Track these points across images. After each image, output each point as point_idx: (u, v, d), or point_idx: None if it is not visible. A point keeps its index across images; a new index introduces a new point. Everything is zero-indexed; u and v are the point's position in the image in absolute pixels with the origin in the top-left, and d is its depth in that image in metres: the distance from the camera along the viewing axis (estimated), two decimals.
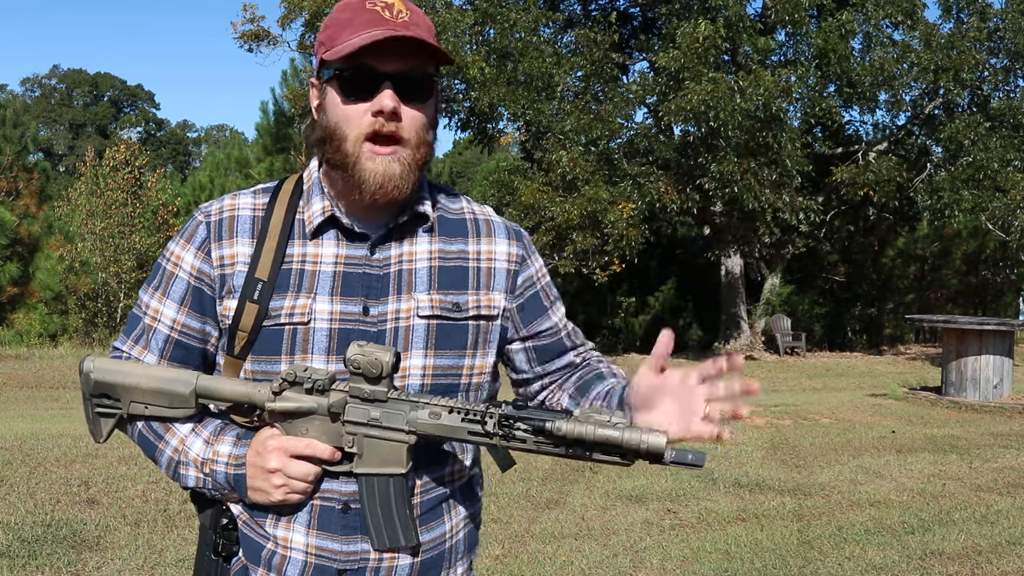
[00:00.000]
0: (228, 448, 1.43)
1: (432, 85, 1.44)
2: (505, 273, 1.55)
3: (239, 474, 1.41)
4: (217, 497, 1.46)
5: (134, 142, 26.51)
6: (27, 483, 5.99)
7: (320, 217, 1.46)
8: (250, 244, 1.46)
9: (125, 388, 1.43)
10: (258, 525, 1.45)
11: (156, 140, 61.77)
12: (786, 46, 21.74)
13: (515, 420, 1.35)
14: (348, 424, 1.39)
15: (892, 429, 9.62)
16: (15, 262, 21.02)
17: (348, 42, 1.38)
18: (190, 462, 1.44)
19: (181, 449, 1.45)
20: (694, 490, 6.61)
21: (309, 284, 1.44)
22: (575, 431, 1.32)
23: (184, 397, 1.42)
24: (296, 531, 1.43)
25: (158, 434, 1.46)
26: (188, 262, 1.47)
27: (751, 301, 23.92)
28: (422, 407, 1.38)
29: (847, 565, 4.94)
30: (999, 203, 19.44)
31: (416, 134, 1.42)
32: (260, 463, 1.40)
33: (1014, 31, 20.42)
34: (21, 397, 12.95)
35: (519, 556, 4.96)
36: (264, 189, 1.53)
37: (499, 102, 19.79)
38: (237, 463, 1.42)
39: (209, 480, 1.43)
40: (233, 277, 1.45)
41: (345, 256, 1.46)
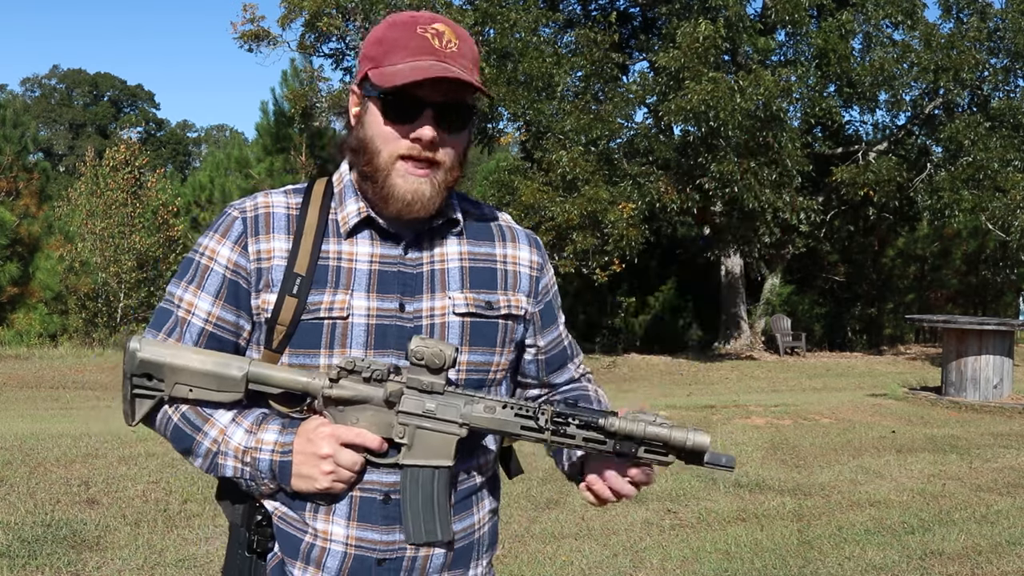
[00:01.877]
0: (274, 436, 1.43)
1: (471, 115, 1.50)
2: (528, 278, 1.63)
3: (285, 461, 1.41)
4: (252, 489, 1.45)
5: (134, 142, 26.51)
6: (27, 483, 5.99)
7: (356, 217, 1.51)
8: (286, 240, 1.49)
9: (173, 369, 1.43)
10: (296, 519, 1.46)
11: (156, 140, 61.76)
12: (786, 46, 21.75)
13: (567, 416, 1.42)
14: (402, 415, 1.43)
15: (892, 429, 9.62)
16: (15, 262, 21.02)
17: (396, 69, 1.44)
18: (230, 451, 1.43)
19: (221, 439, 1.43)
20: (694, 490, 6.61)
21: (346, 280, 1.48)
22: (626, 428, 1.41)
23: (235, 380, 1.42)
24: (336, 523, 1.44)
25: (196, 425, 1.45)
26: (224, 255, 1.48)
27: (751, 301, 23.92)
28: (477, 401, 1.44)
29: (847, 565, 4.94)
30: (999, 203, 19.44)
31: (450, 160, 1.48)
32: (311, 449, 1.40)
33: (1014, 31, 20.42)
34: (21, 397, 12.96)
35: (519, 556, 4.96)
36: (295, 190, 1.56)
37: (499, 102, 19.79)
38: (284, 450, 1.41)
39: (248, 469, 1.43)
40: (271, 271, 1.47)
41: (380, 255, 1.50)
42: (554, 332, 1.69)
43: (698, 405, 11.47)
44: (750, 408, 10.83)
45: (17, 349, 18.54)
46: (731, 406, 11.14)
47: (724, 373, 19.00)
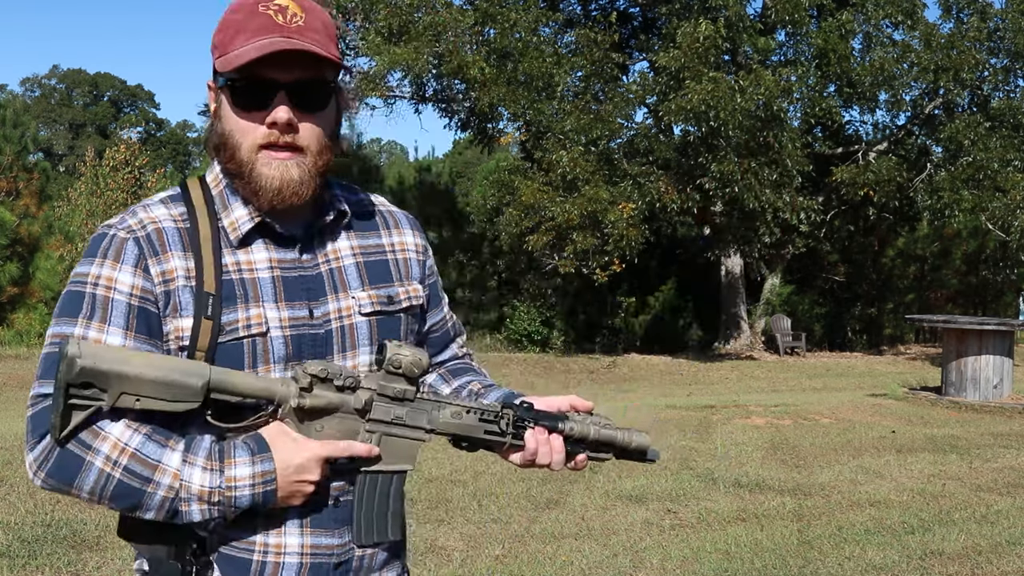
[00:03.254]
0: (247, 470, 1.31)
1: (330, 92, 1.41)
2: (418, 263, 1.59)
3: (269, 491, 1.32)
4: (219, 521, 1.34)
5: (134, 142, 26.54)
6: (27, 483, 5.99)
7: (249, 223, 1.41)
8: (184, 257, 1.37)
9: (120, 377, 1.25)
10: (240, 540, 1.38)
11: (156, 140, 61.75)
12: (786, 46, 21.75)
13: (527, 420, 1.47)
14: (371, 422, 1.38)
15: (892, 429, 9.62)
16: (15, 262, 21.01)
17: (238, 51, 1.33)
18: (192, 497, 1.29)
19: (179, 485, 1.29)
20: (694, 490, 6.61)
21: (254, 293, 1.39)
22: (580, 431, 1.50)
23: (194, 390, 1.28)
24: (289, 534, 1.38)
25: (144, 476, 1.28)
26: (126, 282, 1.34)
27: (751, 301, 23.92)
28: (444, 407, 1.43)
29: (847, 565, 4.94)
30: (999, 203, 19.44)
31: (316, 142, 1.39)
32: (299, 476, 1.33)
33: (1014, 31, 20.42)
34: (21, 397, 12.95)
35: (519, 556, 4.96)
36: (171, 198, 1.44)
37: (499, 102, 19.79)
38: (265, 479, 1.32)
39: (218, 509, 1.31)
40: (177, 293, 1.35)
41: (277, 260, 1.42)
42: (439, 314, 1.66)
43: (698, 405, 11.47)
44: (750, 408, 10.83)
45: (17, 349, 18.53)
46: (731, 406, 11.14)
47: (724, 373, 19.00)
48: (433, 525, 5.49)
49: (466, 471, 7.01)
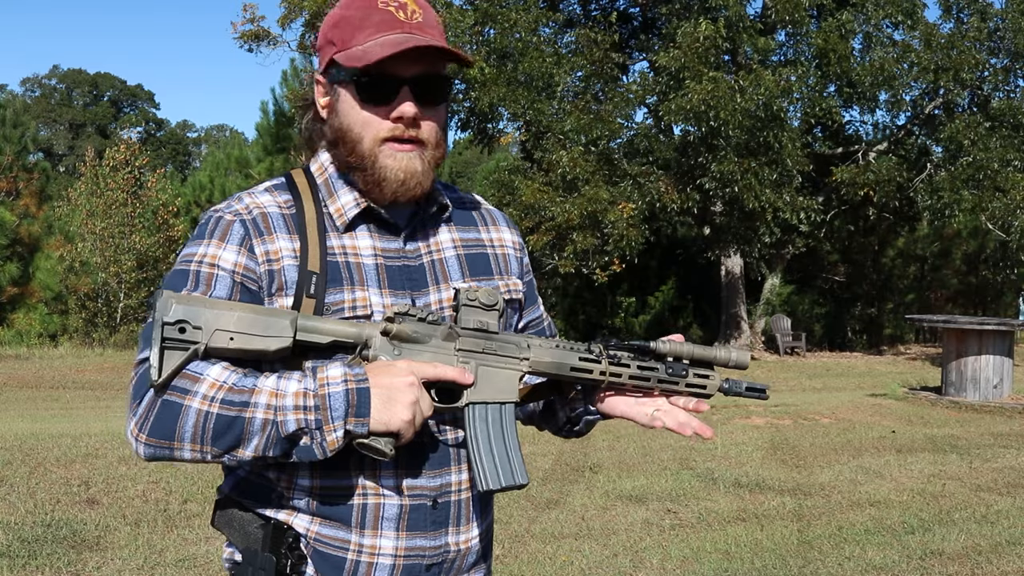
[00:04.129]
0: (341, 370, 1.28)
1: (449, 86, 1.45)
2: (516, 260, 1.61)
3: (363, 388, 1.27)
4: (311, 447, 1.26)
5: (134, 142, 26.54)
6: (27, 483, 5.99)
7: (355, 209, 1.44)
8: (289, 239, 1.39)
9: (212, 313, 1.27)
10: (336, 538, 1.37)
11: (156, 140, 61.73)
12: (786, 46, 21.74)
13: (618, 348, 1.45)
14: (462, 352, 1.37)
15: (892, 429, 9.62)
16: (15, 262, 21.02)
17: (365, 48, 1.37)
18: (288, 405, 1.25)
19: (276, 401, 1.26)
20: (694, 490, 6.61)
21: (359, 277, 1.41)
22: (675, 349, 1.48)
23: (283, 325, 1.29)
24: (385, 536, 1.37)
25: (241, 402, 1.25)
26: (230, 260, 1.36)
27: (751, 301, 23.91)
28: (532, 339, 1.42)
29: (847, 565, 4.94)
30: (999, 203, 19.44)
31: (434, 135, 1.43)
32: (391, 380, 1.28)
33: (1014, 31, 20.42)
34: (21, 397, 12.95)
35: (519, 556, 4.96)
36: (276, 186, 1.47)
37: (499, 102, 19.79)
38: (358, 379, 1.27)
39: (312, 416, 1.25)
40: (283, 272, 1.38)
41: (382, 248, 1.45)
42: (536, 311, 1.66)
43: None
44: (750, 408, 10.83)
45: (17, 349, 18.54)
46: (731, 406, 11.14)
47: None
48: None
49: None
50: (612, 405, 1.49)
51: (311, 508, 1.37)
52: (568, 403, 1.55)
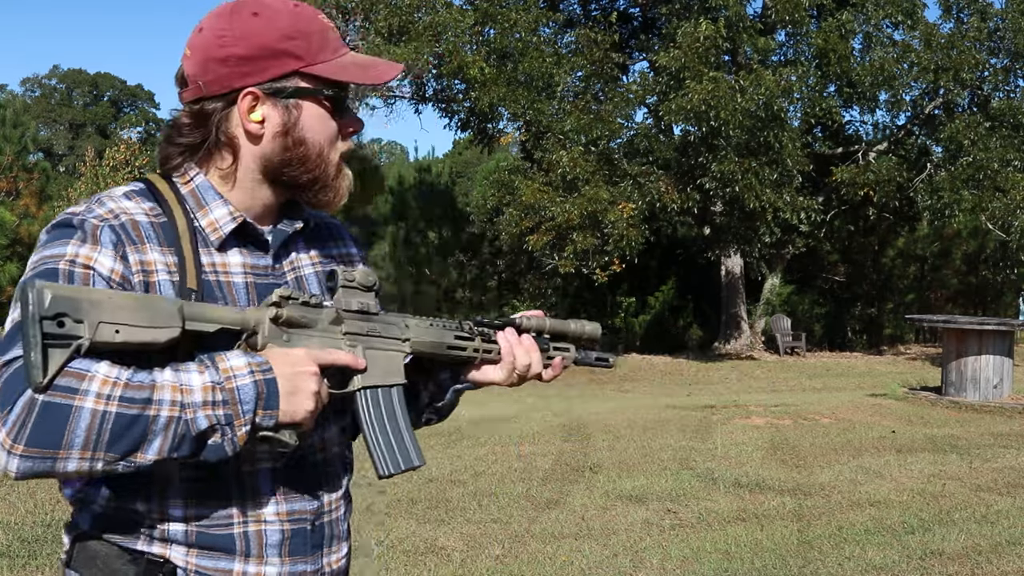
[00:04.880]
0: (243, 359, 1.22)
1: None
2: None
3: (270, 379, 1.21)
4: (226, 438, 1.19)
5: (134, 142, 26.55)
6: (27, 483, 5.99)
7: (231, 224, 1.37)
8: (161, 252, 1.30)
9: (94, 303, 1.14)
10: (217, 569, 1.30)
11: (156, 140, 61.68)
12: (786, 46, 21.74)
13: (485, 325, 1.51)
14: (349, 336, 1.36)
15: (892, 429, 9.62)
16: (15, 262, 21.00)
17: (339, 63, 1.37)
18: (196, 403, 1.17)
19: (179, 397, 1.16)
20: (694, 490, 6.61)
21: (231, 296, 1.35)
22: (537, 324, 1.56)
23: (171, 313, 1.19)
24: (270, 563, 1.33)
25: (142, 399, 1.14)
26: (106, 265, 1.24)
27: (751, 301, 23.91)
28: (409, 319, 1.43)
29: (847, 565, 4.94)
30: (999, 203, 19.43)
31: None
32: (294, 368, 1.25)
33: (1014, 31, 20.42)
34: None
35: (519, 556, 4.96)
36: (136, 192, 1.36)
37: (499, 102, 19.78)
38: (263, 368, 1.22)
39: (222, 411, 1.18)
40: (159, 286, 1.28)
41: (251, 265, 1.39)
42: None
43: (698, 405, 11.47)
44: (750, 408, 10.83)
45: None
46: (731, 406, 11.14)
47: (724, 373, 19.00)
48: (433, 525, 5.49)
49: (466, 471, 7.02)
50: (487, 373, 1.53)
51: (189, 539, 1.30)
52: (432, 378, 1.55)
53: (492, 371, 1.52)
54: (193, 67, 1.35)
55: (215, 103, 1.35)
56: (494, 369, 1.51)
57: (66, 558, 1.32)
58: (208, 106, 1.35)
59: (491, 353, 1.49)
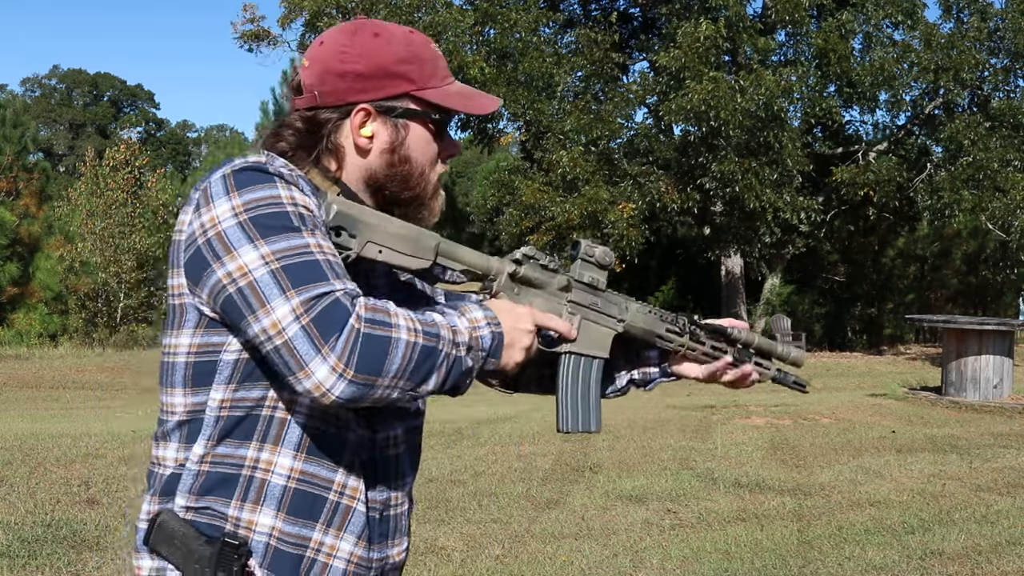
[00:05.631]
0: (481, 312, 1.36)
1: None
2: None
3: (498, 332, 1.36)
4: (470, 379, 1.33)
5: (134, 142, 26.57)
6: (27, 483, 5.99)
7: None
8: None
9: (368, 225, 1.35)
10: (299, 536, 1.33)
11: (156, 140, 61.69)
12: (786, 46, 21.75)
13: (699, 326, 1.64)
14: (571, 304, 1.51)
15: (892, 429, 9.62)
16: (15, 262, 21.00)
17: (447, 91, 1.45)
18: (463, 343, 1.31)
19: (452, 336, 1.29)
20: (694, 490, 6.61)
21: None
22: (746, 338, 1.68)
23: (428, 248, 1.39)
24: (345, 540, 1.37)
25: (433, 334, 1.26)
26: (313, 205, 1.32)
27: (751, 301, 23.92)
28: (631, 302, 1.58)
29: (847, 565, 4.94)
30: (999, 203, 19.44)
31: None
32: (516, 323, 1.39)
33: (1014, 31, 20.42)
34: (21, 397, 12.95)
35: (519, 556, 4.96)
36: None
37: None
38: (495, 322, 1.36)
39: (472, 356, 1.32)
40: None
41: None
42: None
43: (698, 405, 11.47)
44: (750, 408, 10.83)
45: (17, 349, 18.53)
46: (731, 406, 11.14)
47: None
48: (433, 525, 5.49)
49: (466, 471, 7.02)
50: (687, 369, 1.68)
51: (284, 497, 1.33)
52: (640, 365, 1.71)
53: (691, 368, 1.67)
54: (311, 77, 1.42)
55: (329, 113, 1.42)
56: (694, 367, 1.67)
57: (144, 535, 1.35)
58: (322, 115, 1.42)
59: (694, 352, 1.64)
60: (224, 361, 1.31)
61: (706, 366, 1.66)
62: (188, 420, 1.34)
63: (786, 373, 1.74)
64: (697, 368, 1.67)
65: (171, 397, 1.35)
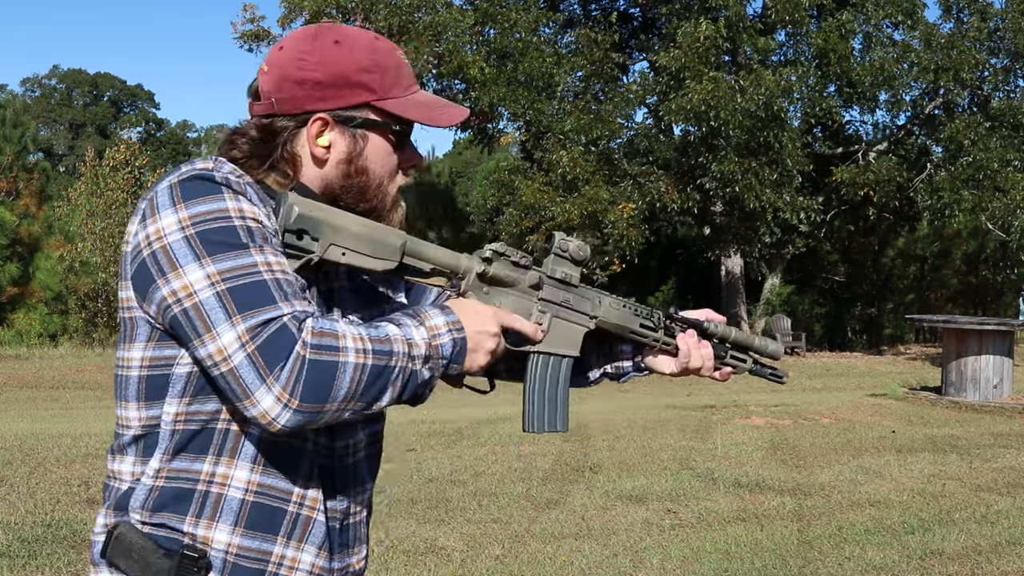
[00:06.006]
0: (442, 318, 1.32)
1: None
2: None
3: (460, 338, 1.32)
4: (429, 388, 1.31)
5: (134, 142, 26.57)
6: (27, 483, 5.99)
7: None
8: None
9: (332, 227, 1.30)
10: (258, 551, 1.31)
11: (156, 140, 61.70)
12: (786, 46, 21.76)
13: (674, 320, 1.61)
14: (542, 301, 1.47)
15: (892, 429, 9.62)
16: (15, 262, 20.99)
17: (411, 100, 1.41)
18: (419, 356, 1.28)
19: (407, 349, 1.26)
20: (694, 490, 6.61)
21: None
22: (722, 332, 1.64)
23: (393, 248, 1.35)
24: (306, 551, 1.35)
25: (385, 351, 1.24)
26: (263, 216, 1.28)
27: (751, 301, 23.92)
28: (604, 297, 1.54)
29: (847, 565, 4.94)
30: (999, 203, 19.45)
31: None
32: (481, 326, 1.35)
33: (1014, 31, 20.43)
34: (21, 397, 12.95)
35: (519, 556, 4.96)
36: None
37: (499, 102, 19.80)
38: (457, 327, 1.33)
39: (430, 366, 1.29)
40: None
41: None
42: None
43: (698, 405, 11.47)
44: (750, 408, 10.83)
45: (17, 349, 18.53)
46: (731, 406, 11.14)
47: None
48: (433, 525, 5.49)
49: (466, 471, 7.02)
50: (661, 363, 1.64)
51: (242, 511, 1.31)
52: (612, 359, 1.67)
53: (665, 362, 1.63)
54: (269, 84, 1.38)
55: (286, 121, 1.37)
56: (668, 361, 1.63)
57: (101, 548, 1.32)
58: (278, 123, 1.38)
59: (669, 346, 1.60)
60: (177, 375, 1.28)
61: (678, 360, 1.61)
62: (143, 434, 1.31)
63: (763, 366, 1.71)
64: (671, 362, 1.62)
65: (126, 411, 1.33)
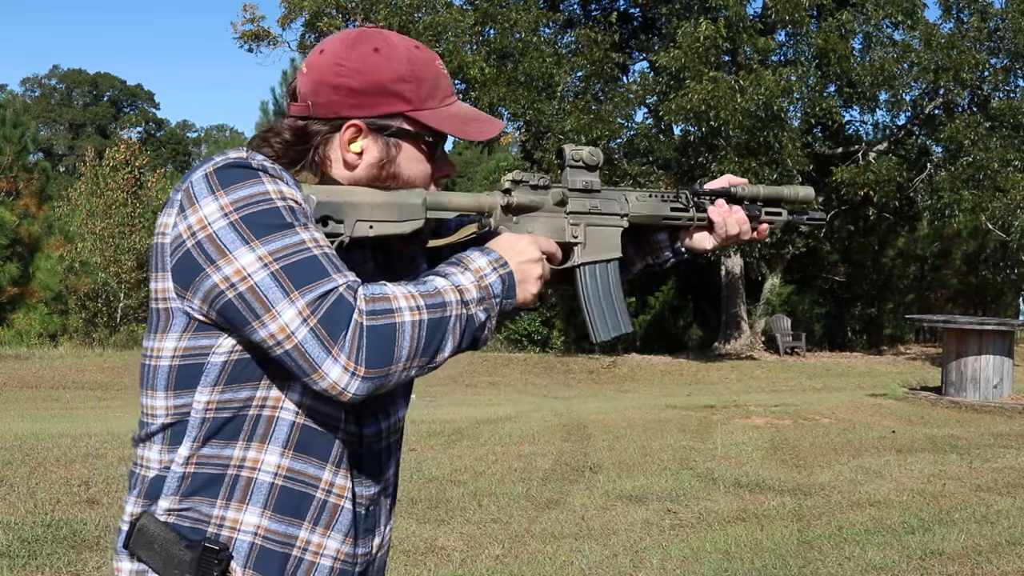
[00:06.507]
0: (484, 258, 1.33)
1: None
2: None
3: (507, 273, 1.34)
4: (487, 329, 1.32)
5: (134, 142, 26.58)
6: (27, 483, 5.99)
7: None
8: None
9: (352, 205, 1.34)
10: (285, 535, 1.32)
11: (156, 140, 61.73)
12: (786, 46, 21.76)
13: (700, 196, 1.64)
14: (572, 215, 1.50)
15: (892, 429, 9.62)
16: (15, 262, 21.01)
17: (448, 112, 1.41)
18: (472, 299, 1.29)
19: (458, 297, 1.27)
20: (694, 490, 6.61)
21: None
22: (751, 191, 1.67)
23: (416, 207, 1.38)
24: (332, 538, 1.35)
25: (438, 303, 1.25)
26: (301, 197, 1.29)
27: (751, 301, 23.92)
28: (628, 192, 1.58)
29: (847, 565, 4.94)
30: (999, 203, 19.45)
31: None
32: (523, 256, 1.36)
33: (1014, 31, 20.44)
34: (21, 397, 12.96)
35: (519, 556, 4.96)
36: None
37: (499, 102, 19.80)
38: (500, 264, 1.34)
39: (484, 306, 1.31)
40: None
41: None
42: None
43: (698, 405, 11.47)
44: (750, 408, 10.84)
45: (17, 349, 18.54)
46: (731, 406, 11.15)
47: (724, 373, 19.00)
48: (433, 525, 5.49)
49: (466, 471, 7.02)
50: (701, 241, 1.68)
51: (271, 495, 1.31)
52: (650, 252, 1.72)
53: (704, 238, 1.67)
54: (306, 86, 1.39)
55: (320, 125, 1.38)
56: (706, 237, 1.67)
57: (125, 538, 1.33)
58: (313, 126, 1.38)
59: (704, 222, 1.63)
60: (212, 364, 1.28)
61: (715, 233, 1.65)
62: (172, 423, 1.31)
63: (799, 214, 1.74)
64: (708, 237, 1.66)
65: (152, 400, 1.32)
